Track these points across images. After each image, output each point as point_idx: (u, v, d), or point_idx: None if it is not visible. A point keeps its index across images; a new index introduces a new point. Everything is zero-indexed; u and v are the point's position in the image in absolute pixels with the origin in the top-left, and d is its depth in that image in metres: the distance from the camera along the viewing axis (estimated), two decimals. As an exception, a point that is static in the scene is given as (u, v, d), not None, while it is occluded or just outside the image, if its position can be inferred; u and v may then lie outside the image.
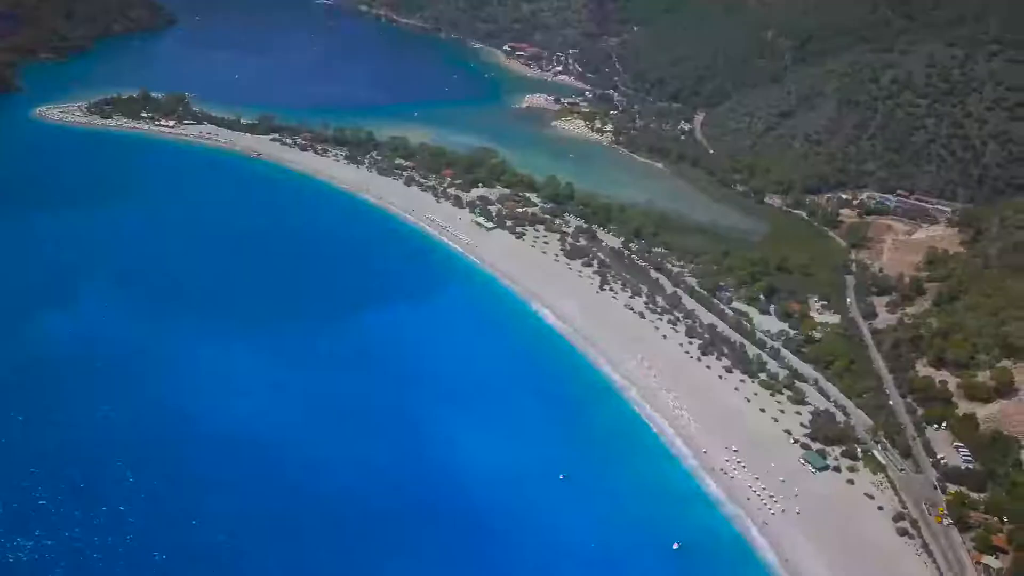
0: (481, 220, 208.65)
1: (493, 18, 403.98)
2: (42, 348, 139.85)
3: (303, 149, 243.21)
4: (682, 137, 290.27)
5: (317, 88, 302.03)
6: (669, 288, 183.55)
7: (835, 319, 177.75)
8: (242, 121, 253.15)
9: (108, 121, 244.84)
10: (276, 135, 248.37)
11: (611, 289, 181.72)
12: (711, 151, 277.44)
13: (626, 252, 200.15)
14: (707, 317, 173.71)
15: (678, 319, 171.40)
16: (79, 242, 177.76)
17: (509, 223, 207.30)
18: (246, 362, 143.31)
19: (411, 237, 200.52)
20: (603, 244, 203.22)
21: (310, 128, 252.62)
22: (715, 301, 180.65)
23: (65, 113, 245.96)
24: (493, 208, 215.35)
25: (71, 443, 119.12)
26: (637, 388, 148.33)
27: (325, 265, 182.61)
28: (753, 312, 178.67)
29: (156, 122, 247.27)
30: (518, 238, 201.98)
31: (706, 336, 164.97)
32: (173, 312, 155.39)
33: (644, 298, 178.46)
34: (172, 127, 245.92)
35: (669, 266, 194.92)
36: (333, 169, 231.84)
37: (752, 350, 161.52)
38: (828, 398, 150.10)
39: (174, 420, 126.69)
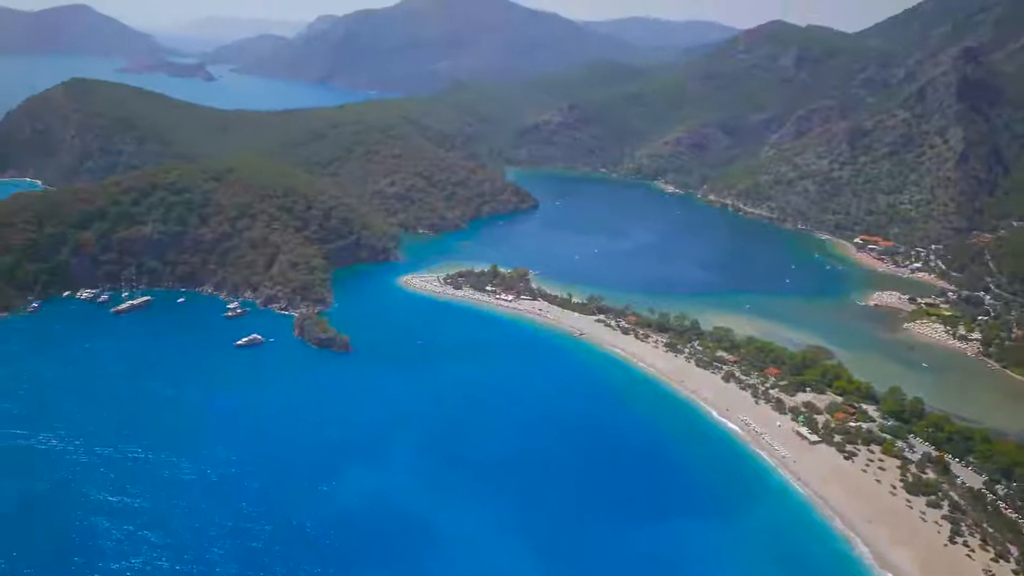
0: (804, 431, 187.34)
1: (844, 209, 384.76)
2: (336, 499, 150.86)
3: (624, 332, 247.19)
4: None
5: (651, 271, 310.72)
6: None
7: None
8: (572, 300, 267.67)
9: (457, 292, 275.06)
10: (601, 316, 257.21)
11: (965, 543, 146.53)
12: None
13: (990, 496, 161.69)
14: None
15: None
16: (401, 401, 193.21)
17: (837, 439, 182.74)
18: (518, 551, 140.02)
19: (719, 440, 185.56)
20: (958, 481, 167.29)
21: (635, 311, 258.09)
22: None
23: (424, 282, 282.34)
24: (820, 418, 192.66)
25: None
26: None
27: (621, 458, 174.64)
28: None
29: (497, 296, 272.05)
30: (847, 458, 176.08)
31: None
32: (462, 482, 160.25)
33: (1014, 564, 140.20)
34: (510, 301, 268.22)
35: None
36: (650, 356, 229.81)
37: None
38: None
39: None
